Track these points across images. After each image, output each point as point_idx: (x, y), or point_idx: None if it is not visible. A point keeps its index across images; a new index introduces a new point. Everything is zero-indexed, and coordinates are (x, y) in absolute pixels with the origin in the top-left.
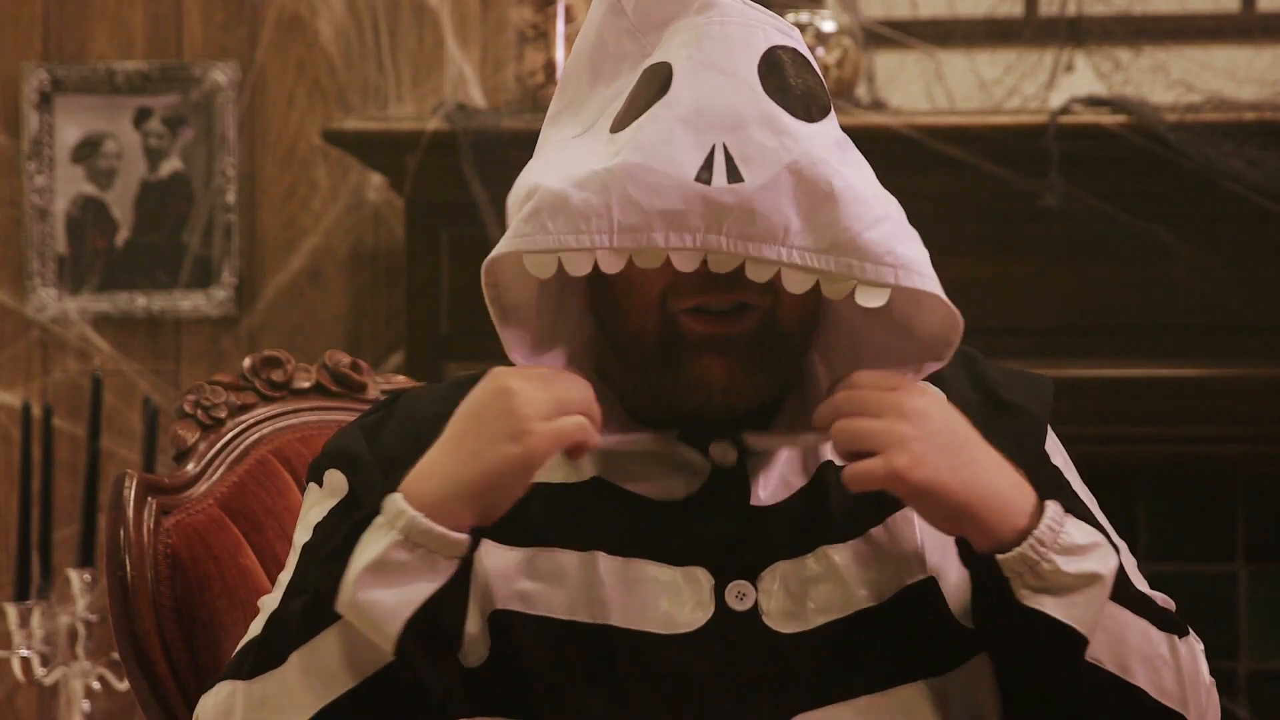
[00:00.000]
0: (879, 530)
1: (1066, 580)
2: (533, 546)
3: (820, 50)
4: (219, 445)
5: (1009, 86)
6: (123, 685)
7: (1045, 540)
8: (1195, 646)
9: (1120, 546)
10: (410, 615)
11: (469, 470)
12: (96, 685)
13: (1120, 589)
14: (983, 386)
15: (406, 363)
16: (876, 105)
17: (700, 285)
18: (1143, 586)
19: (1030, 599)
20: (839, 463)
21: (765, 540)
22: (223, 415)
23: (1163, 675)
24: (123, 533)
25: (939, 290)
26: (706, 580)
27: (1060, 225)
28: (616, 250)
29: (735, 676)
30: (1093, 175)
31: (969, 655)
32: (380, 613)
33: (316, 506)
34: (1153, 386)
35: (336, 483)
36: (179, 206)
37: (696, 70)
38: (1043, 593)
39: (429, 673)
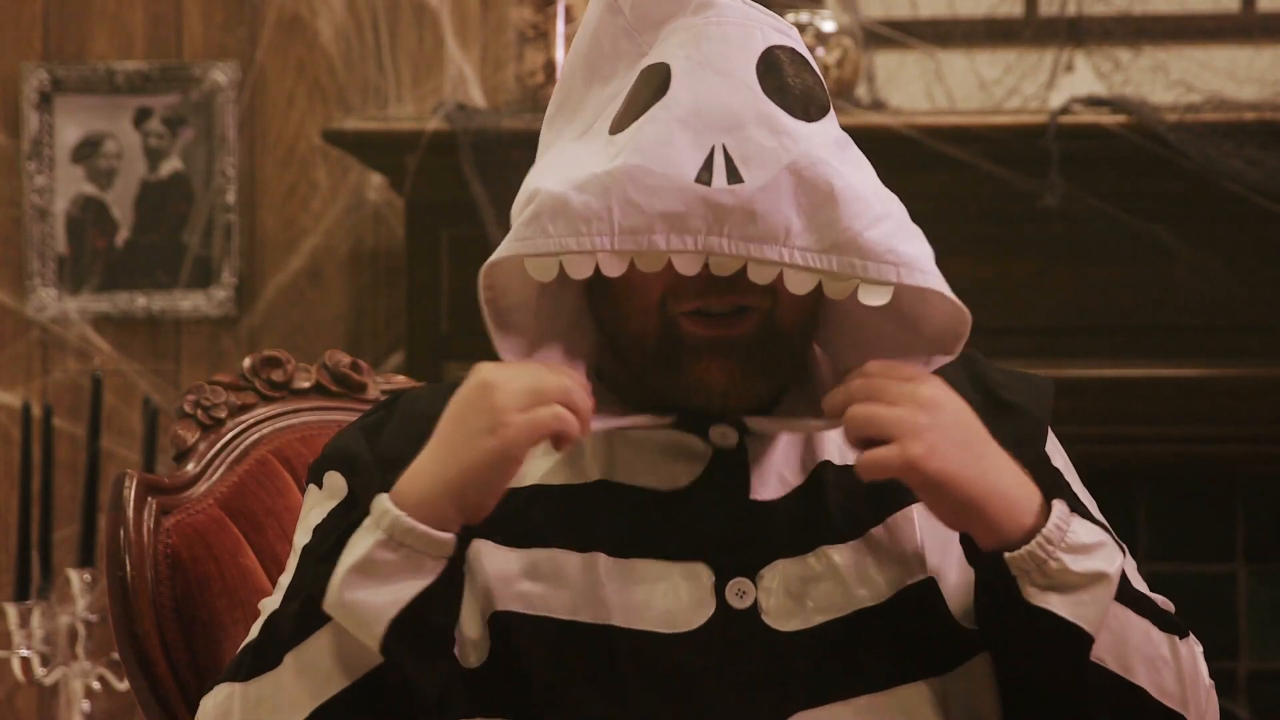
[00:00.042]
0: (879, 530)
1: (1074, 579)
2: (534, 548)
3: (820, 50)
4: (219, 445)
5: (1009, 86)
6: (123, 685)
7: (1053, 539)
8: (1195, 648)
9: (1121, 548)
10: (396, 615)
11: (450, 467)
12: (96, 685)
13: (1122, 588)
14: (983, 387)
15: (406, 363)
16: (876, 105)
17: (700, 288)
18: (1142, 588)
19: (1037, 597)
20: (838, 462)
21: (765, 538)
22: (223, 415)
23: (1164, 676)
24: (123, 533)
25: (942, 287)
26: (707, 576)
27: (1060, 225)
28: (618, 253)
29: (735, 675)
30: (1093, 175)
31: (969, 656)
32: (366, 613)
33: (316, 509)
34: (1153, 386)
35: (336, 485)
36: (179, 206)
37: (694, 71)
38: (1050, 591)
39: (420, 673)
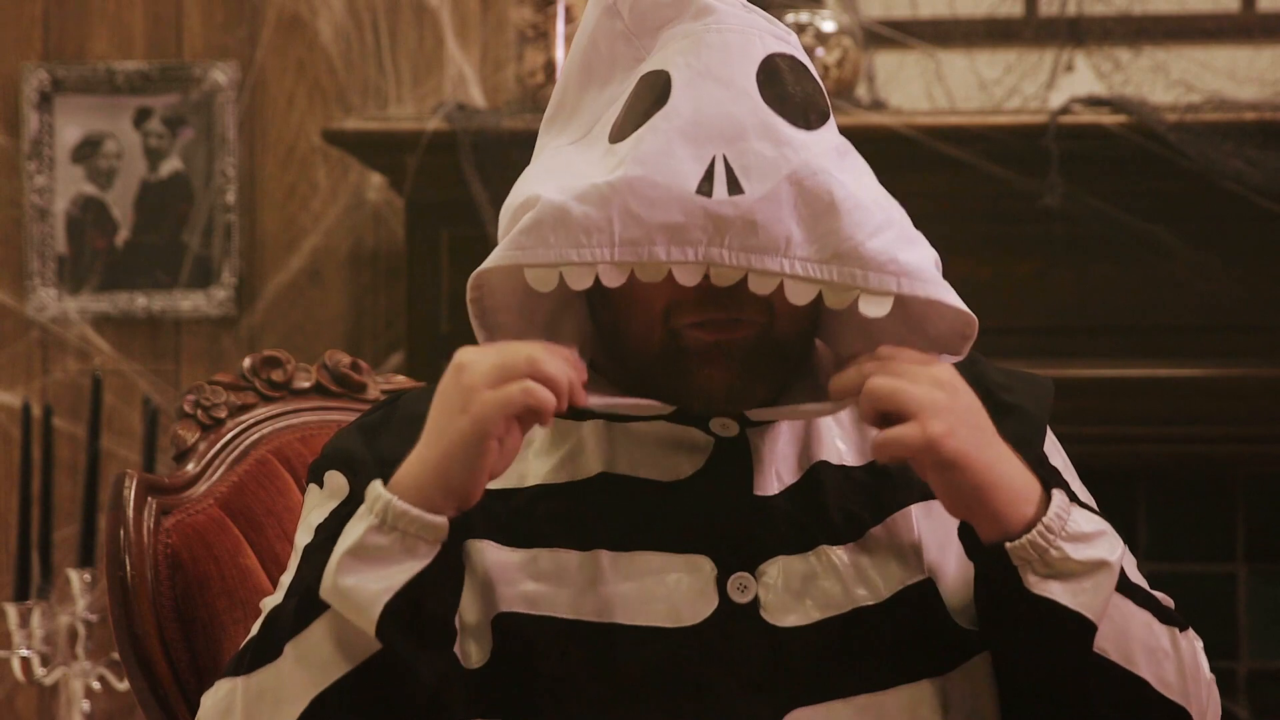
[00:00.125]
0: (878, 530)
1: (1075, 567)
2: (536, 548)
3: (820, 50)
4: (219, 445)
5: (1009, 86)
6: (123, 685)
7: (1053, 527)
8: (1195, 643)
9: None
10: (390, 599)
11: (433, 450)
12: (96, 685)
13: (1123, 580)
14: (983, 388)
15: (406, 363)
16: (876, 105)
17: (703, 300)
18: (1142, 583)
19: (1039, 586)
20: (835, 462)
21: (766, 533)
22: (223, 415)
23: (1165, 667)
24: (123, 533)
25: (943, 296)
26: (709, 569)
27: (1060, 225)
28: (618, 264)
29: (735, 671)
30: (1093, 175)
31: (969, 655)
32: (361, 596)
33: (318, 508)
34: (1153, 386)
35: (337, 484)
36: (179, 206)
37: (695, 80)
38: (1051, 580)
39: (417, 659)
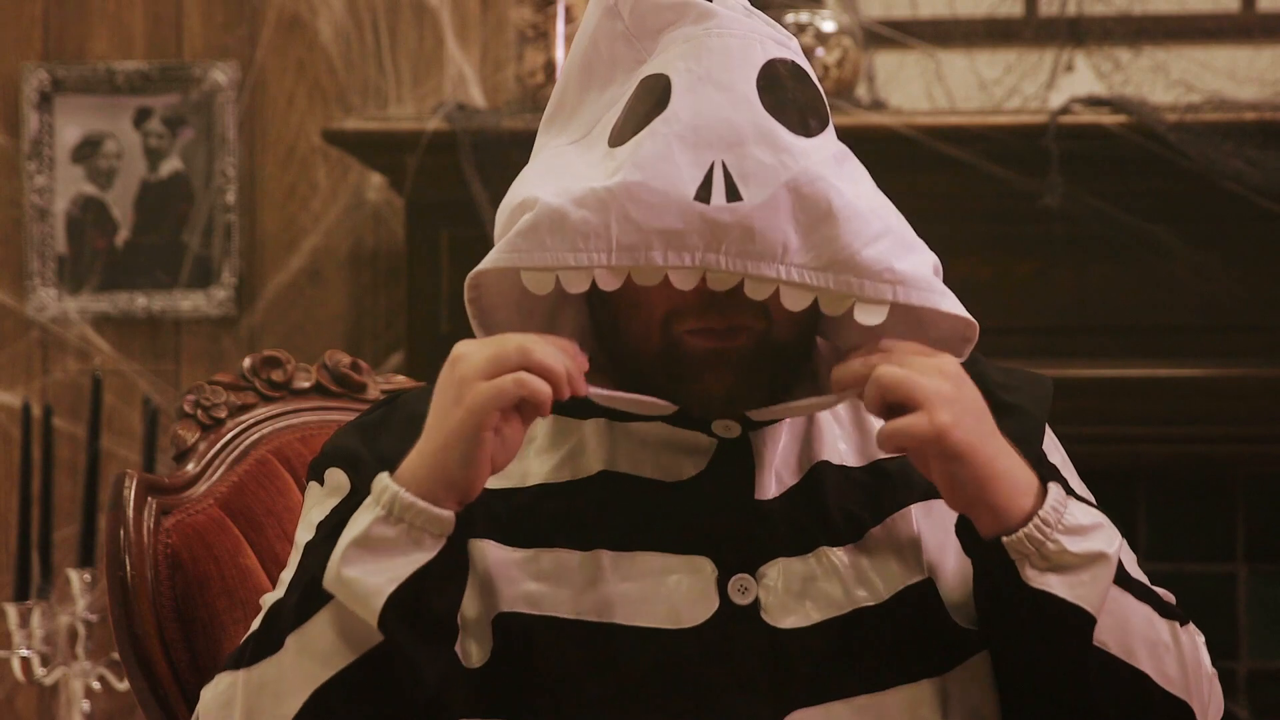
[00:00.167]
0: (878, 531)
1: (1072, 559)
2: (537, 548)
3: (820, 50)
4: (219, 445)
5: (1009, 86)
6: (123, 685)
7: (1050, 521)
8: (1196, 637)
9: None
10: (394, 590)
11: (432, 443)
12: (96, 685)
13: (1122, 574)
14: (983, 386)
15: (406, 363)
16: (876, 105)
17: (702, 307)
18: (1142, 579)
19: (1037, 579)
20: (836, 462)
21: (767, 535)
22: (223, 415)
23: (1165, 661)
24: (123, 533)
25: (940, 304)
26: (710, 570)
27: (1060, 225)
28: (614, 269)
29: (736, 672)
30: (1093, 175)
31: (969, 654)
32: (365, 587)
33: (318, 506)
34: (1153, 386)
35: (338, 481)
36: (179, 206)
37: (695, 85)
38: (1049, 573)
39: (419, 654)
